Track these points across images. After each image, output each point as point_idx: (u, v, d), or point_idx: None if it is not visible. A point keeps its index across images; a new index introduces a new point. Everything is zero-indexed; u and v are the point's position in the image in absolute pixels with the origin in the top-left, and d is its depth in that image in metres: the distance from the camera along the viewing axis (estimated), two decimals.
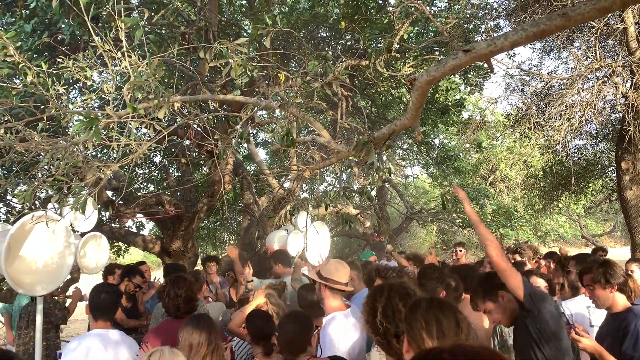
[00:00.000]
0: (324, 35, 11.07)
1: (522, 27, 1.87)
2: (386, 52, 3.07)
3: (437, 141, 17.88)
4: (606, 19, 6.51)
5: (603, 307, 3.23)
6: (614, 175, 9.86)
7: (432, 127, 14.09)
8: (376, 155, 2.46)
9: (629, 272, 4.67)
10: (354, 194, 17.42)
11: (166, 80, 7.60)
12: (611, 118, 9.83)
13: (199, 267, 9.44)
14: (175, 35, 6.97)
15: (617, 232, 23.24)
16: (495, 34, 9.25)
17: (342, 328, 3.11)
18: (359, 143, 2.44)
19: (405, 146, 20.00)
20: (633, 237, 7.63)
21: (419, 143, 15.85)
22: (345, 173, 18.80)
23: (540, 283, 3.26)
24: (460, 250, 7.70)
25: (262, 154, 17.93)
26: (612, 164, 9.80)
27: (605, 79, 7.08)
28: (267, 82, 7.10)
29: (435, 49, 9.79)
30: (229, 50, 2.42)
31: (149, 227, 15.12)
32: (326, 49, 9.84)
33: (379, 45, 9.76)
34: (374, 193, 19.91)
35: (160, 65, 2.44)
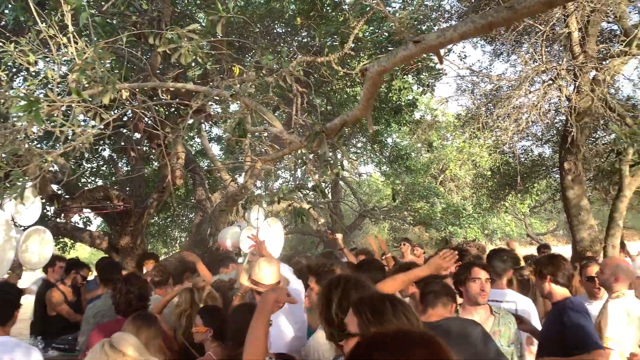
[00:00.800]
0: (280, 31, 11.03)
1: (470, 19, 1.91)
2: (340, 47, 3.08)
3: (390, 140, 18.15)
4: (551, 23, 6.77)
5: (545, 297, 3.41)
6: (557, 175, 10.29)
7: (386, 126, 14.29)
8: (328, 147, 2.47)
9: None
10: (308, 191, 17.45)
11: (116, 72, 7.39)
12: (555, 121, 10.24)
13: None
14: (127, 25, 6.78)
15: (559, 230, 24.25)
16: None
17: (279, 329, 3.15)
18: (311, 134, 2.44)
19: (359, 144, 20.21)
20: (574, 235, 7.98)
21: (372, 141, 16.04)
22: (300, 170, 18.83)
23: (482, 275, 3.36)
24: (404, 244, 7.75)
25: (216, 149, 17.71)
26: (556, 165, 10.22)
27: (551, 82, 7.37)
28: (221, 75, 7.01)
29: (390, 48, 9.93)
30: (180, 37, 2.36)
31: (96, 222, 14.67)
32: (282, 44, 9.80)
33: (335, 43, 9.80)
34: (328, 191, 20.02)
35: (106, 51, 2.35)
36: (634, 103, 8.79)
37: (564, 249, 12.09)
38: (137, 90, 2.86)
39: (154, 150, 9.74)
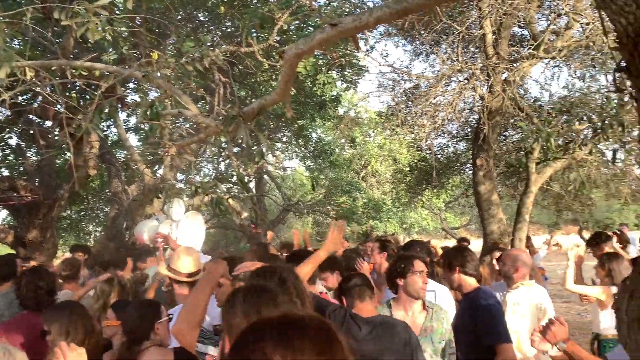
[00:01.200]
0: (203, 19, 10.78)
1: (386, 4, 1.96)
2: (258, 28, 3.04)
3: (314, 135, 18.29)
4: (467, 24, 7.10)
5: (454, 289, 3.52)
6: (470, 171, 10.80)
7: (310, 121, 14.38)
8: (250, 137, 2.44)
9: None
10: (231, 184, 17.20)
11: (19, 47, 6.91)
12: (470, 119, 10.75)
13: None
14: (36, 6, 6.33)
15: (472, 225, 25.52)
16: (370, 34, 9.63)
17: None
18: (227, 118, 2.40)
19: (284, 139, 20.20)
20: (485, 228, 8.44)
21: (297, 136, 16.08)
22: (224, 163, 18.52)
23: (423, 268, 3.39)
24: (372, 243, 7.90)
25: (134, 140, 17.04)
26: (470, 162, 10.72)
27: (466, 81, 7.73)
28: (138, 62, 6.73)
29: None
30: (88, 12, 2.24)
31: (1, 215, 13.69)
32: (204, 32, 9.58)
33: (260, 35, 9.70)
34: (252, 185, 19.85)
35: (7, 26, 2.18)
36: (540, 104, 9.39)
37: (476, 242, 12.72)
38: (43, 70, 2.67)
39: (65, 139, 9.21)
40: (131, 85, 11.41)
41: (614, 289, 4.31)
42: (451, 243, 14.26)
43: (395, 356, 2.74)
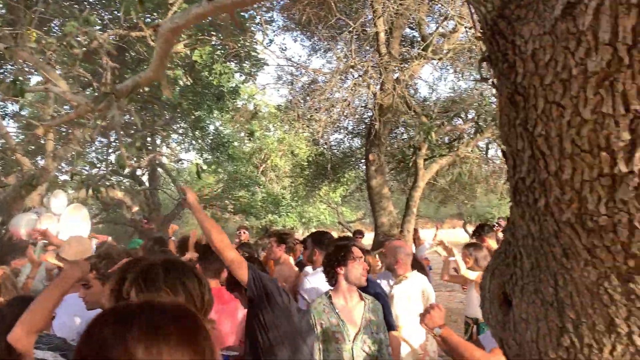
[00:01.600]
0: (92, 0, 10.14)
1: None
2: (140, 7, 2.90)
3: (212, 127, 17.87)
4: (360, 21, 7.30)
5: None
6: (365, 167, 11.15)
7: (208, 113, 14.04)
8: (118, 110, 2.30)
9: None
10: (122, 177, 16.36)
11: None
12: (365, 116, 11.08)
13: None
14: None
15: (367, 218, 26.39)
16: (268, 26, 9.58)
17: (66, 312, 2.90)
18: (100, 95, 2.25)
19: (180, 130, 19.54)
20: (376, 220, 8.76)
21: (193, 127, 15.63)
22: (115, 155, 17.55)
23: (362, 255, 3.39)
24: (245, 233, 7.83)
25: (11, 128, 15.59)
26: (364, 157, 11.07)
27: (360, 78, 7.95)
28: (15, 43, 6.16)
29: (212, 32, 9.75)
30: None
31: None
32: (92, 14, 8.99)
33: (155, 19, 9.29)
34: (145, 178, 19.04)
35: None
36: (428, 103, 9.91)
37: (370, 235, 13.14)
38: None
39: None
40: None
41: None
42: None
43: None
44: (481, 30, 1.22)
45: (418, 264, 4.84)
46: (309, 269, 4.36)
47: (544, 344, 1.30)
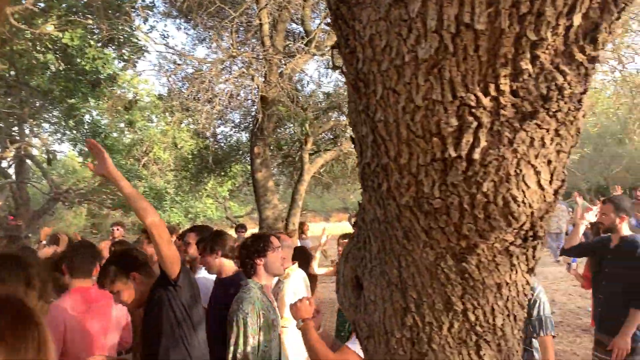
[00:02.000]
0: None
1: None
2: None
3: (88, 117, 16.68)
4: (242, 9, 7.17)
5: (213, 273, 3.51)
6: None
7: (83, 101, 13.09)
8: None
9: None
10: None
11: None
12: (252, 110, 11.00)
13: None
14: None
15: (255, 213, 26.31)
16: (149, 12, 9.16)
17: None
18: None
19: (52, 119, 18.03)
20: (261, 213, 8.74)
21: (67, 116, 14.49)
22: None
23: (277, 243, 3.28)
24: (118, 229, 7.52)
25: None
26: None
27: (244, 70, 7.85)
28: None
29: (89, 15, 9.12)
30: None
31: None
32: None
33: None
34: (12, 171, 17.47)
35: None
36: (315, 99, 10.06)
37: (256, 230, 13.12)
38: None
39: None
40: None
41: None
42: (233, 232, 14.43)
43: None
44: (331, 17, 1.23)
45: (304, 257, 4.90)
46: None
47: (390, 324, 1.35)
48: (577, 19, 0.92)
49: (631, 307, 3.55)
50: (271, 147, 10.00)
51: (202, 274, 3.83)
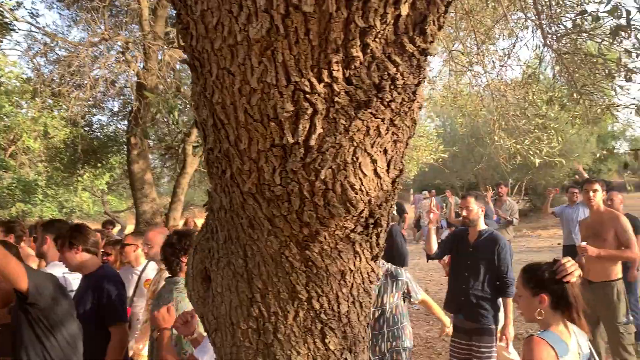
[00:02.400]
0: None
1: None
2: None
3: None
4: None
5: (73, 269, 3.28)
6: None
7: None
8: None
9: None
10: None
11: None
12: (131, 98, 10.42)
13: None
14: None
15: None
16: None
17: None
18: None
19: None
20: (137, 207, 8.29)
21: None
22: None
23: None
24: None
25: None
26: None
27: (121, 55, 7.40)
28: None
29: None
30: None
31: None
32: None
33: None
34: None
35: None
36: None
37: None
38: None
39: None
40: None
41: None
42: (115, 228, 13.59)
43: None
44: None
45: None
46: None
47: (236, 315, 1.31)
48: (404, 9, 0.94)
49: (502, 297, 3.89)
50: (152, 138, 9.56)
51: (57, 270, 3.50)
